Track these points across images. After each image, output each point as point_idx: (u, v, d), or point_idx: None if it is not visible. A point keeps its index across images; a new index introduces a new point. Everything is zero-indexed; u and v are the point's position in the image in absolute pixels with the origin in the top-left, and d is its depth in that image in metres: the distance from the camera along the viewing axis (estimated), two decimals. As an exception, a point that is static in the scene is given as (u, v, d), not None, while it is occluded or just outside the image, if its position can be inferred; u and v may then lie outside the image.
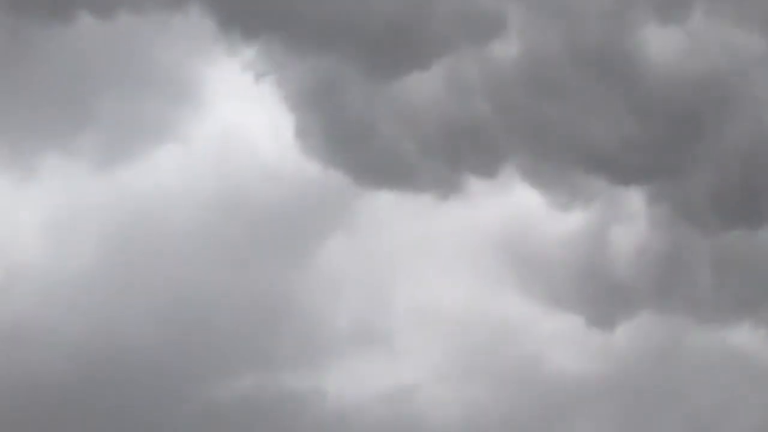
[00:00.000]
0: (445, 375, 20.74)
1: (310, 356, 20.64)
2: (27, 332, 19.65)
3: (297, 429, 20.18)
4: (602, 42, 17.60)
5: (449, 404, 20.46)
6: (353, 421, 20.20)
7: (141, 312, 20.07)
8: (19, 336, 19.63)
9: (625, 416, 20.85)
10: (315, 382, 20.39)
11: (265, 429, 20.15)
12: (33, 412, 19.18)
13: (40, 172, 20.71)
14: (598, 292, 20.22)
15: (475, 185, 19.49)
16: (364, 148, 19.02)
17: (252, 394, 20.24)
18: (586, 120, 18.02)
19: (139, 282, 20.09)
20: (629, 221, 19.64)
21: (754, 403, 20.51)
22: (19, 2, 18.09)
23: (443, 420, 20.40)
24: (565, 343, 20.87)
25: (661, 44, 17.76)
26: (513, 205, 20.19)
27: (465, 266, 21.18)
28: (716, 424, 20.60)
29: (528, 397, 20.89)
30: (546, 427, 20.77)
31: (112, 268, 20.33)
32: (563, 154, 18.57)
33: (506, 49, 17.76)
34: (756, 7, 17.81)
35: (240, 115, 20.72)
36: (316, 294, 20.91)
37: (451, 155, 18.90)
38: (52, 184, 20.72)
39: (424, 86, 18.26)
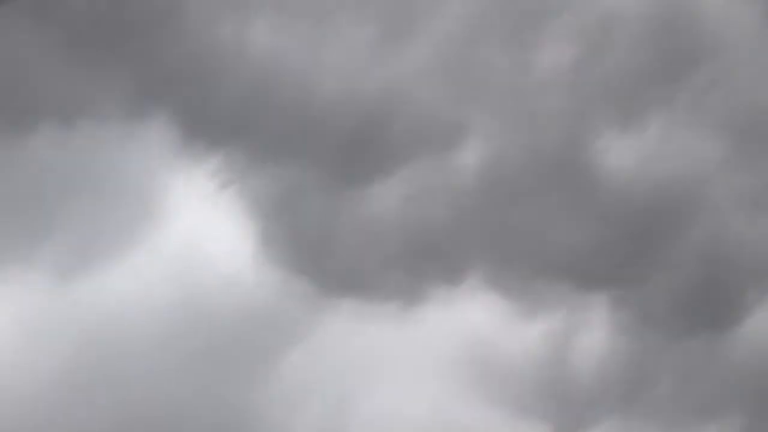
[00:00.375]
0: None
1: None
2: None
3: None
4: (563, 149, 17.72)
5: None
6: None
7: (97, 426, 19.61)
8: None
9: None
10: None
11: None
12: None
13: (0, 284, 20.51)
14: (563, 400, 20.03)
15: (438, 294, 19.40)
16: (325, 259, 18.92)
17: None
18: (548, 227, 18.05)
19: (97, 395, 19.65)
20: (593, 329, 19.55)
21: None
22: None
23: None
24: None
25: (620, 151, 17.91)
26: (477, 312, 20.06)
27: (428, 375, 20.95)
28: None
29: None
30: None
31: (69, 381, 19.88)
32: (526, 262, 18.54)
33: (468, 156, 17.84)
34: (712, 113, 18.03)
35: (203, 224, 20.57)
36: (277, 406, 20.56)
37: (414, 265, 18.82)
38: (11, 297, 20.44)
39: (387, 194, 18.25)
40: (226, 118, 17.58)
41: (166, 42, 17.91)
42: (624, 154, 17.94)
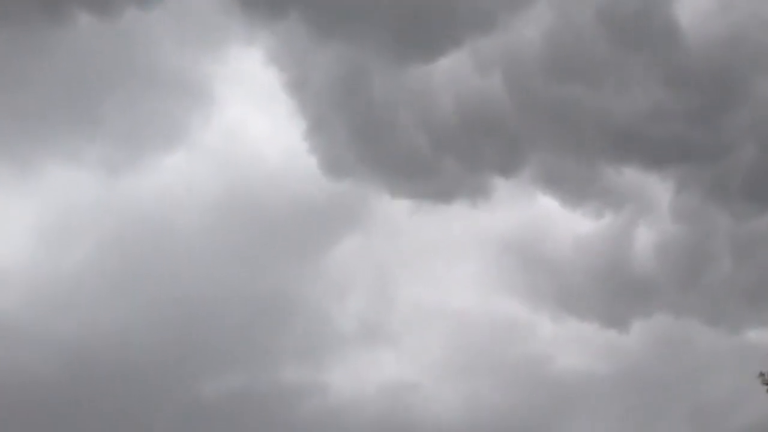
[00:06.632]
0: (446, 372, 19.63)
1: (314, 353, 19.45)
2: (19, 331, 18.22)
3: (296, 421, 19.05)
4: (632, 12, 16.33)
5: (450, 401, 19.39)
6: (353, 415, 19.15)
7: (143, 311, 18.62)
8: (12, 335, 18.21)
9: (630, 412, 19.69)
10: (317, 378, 19.25)
11: (265, 420, 18.89)
12: (24, 409, 17.93)
13: (45, 180, 19.37)
14: (612, 297, 18.98)
15: (492, 189, 18.10)
16: (379, 153, 17.49)
17: (252, 388, 19.09)
18: (614, 99, 16.64)
19: (142, 290, 18.58)
20: (652, 221, 18.31)
21: (760, 398, 19.36)
22: (14, 7, 16.16)
23: (443, 415, 19.30)
24: (574, 342, 19.69)
25: (693, 10, 16.55)
26: (530, 207, 18.98)
27: (476, 271, 20.02)
28: (721, 420, 19.45)
29: (532, 394, 19.76)
30: (547, 423, 19.59)
31: (111, 270, 19.09)
32: (588, 144, 17.15)
33: (538, 20, 16.40)
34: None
35: (251, 116, 19.35)
36: (320, 299, 19.62)
37: (470, 150, 17.39)
38: (62, 194, 19.40)
39: (447, 70, 16.80)
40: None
41: None
42: (697, 13, 16.58)
